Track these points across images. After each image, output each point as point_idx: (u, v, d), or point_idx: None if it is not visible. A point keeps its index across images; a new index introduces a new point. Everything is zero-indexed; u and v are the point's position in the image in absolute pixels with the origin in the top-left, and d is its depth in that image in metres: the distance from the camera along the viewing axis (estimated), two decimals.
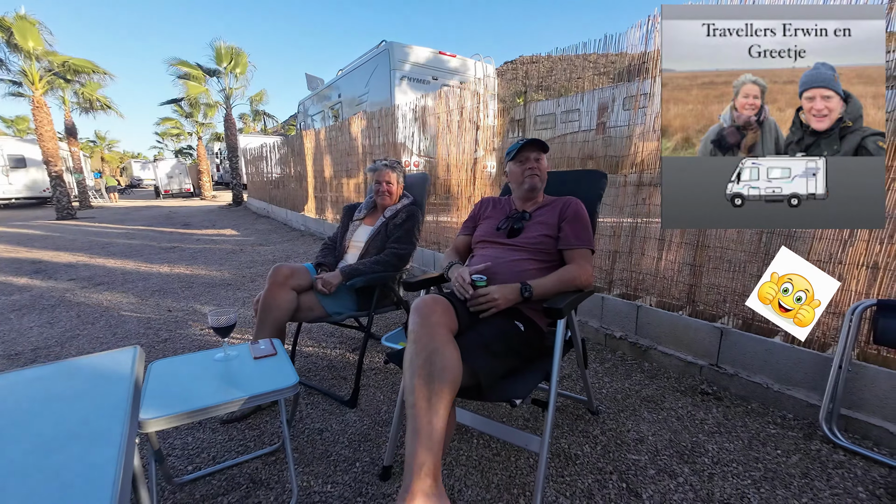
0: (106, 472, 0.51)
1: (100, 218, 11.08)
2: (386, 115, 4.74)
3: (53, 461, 0.54)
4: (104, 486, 0.49)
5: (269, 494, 1.36)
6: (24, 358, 2.44)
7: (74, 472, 0.52)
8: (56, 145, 10.67)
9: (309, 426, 1.72)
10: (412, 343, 1.10)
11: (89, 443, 0.58)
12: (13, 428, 0.62)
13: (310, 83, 10.60)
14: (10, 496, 0.48)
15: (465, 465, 1.47)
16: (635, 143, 2.37)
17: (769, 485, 1.37)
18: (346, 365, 2.28)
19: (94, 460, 0.54)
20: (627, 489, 1.37)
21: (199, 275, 4.40)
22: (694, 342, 2.10)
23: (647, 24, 2.18)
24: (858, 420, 1.60)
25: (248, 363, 1.35)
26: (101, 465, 0.52)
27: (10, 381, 0.78)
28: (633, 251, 2.46)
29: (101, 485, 0.49)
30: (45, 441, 0.58)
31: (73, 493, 0.49)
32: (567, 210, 1.53)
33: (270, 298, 1.83)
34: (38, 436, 0.60)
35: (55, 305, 3.42)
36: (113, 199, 18.12)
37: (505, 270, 1.45)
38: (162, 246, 6.29)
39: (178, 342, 2.62)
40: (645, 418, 1.75)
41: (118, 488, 0.49)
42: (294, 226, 8.07)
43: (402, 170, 2.26)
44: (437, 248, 4.17)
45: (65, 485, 0.49)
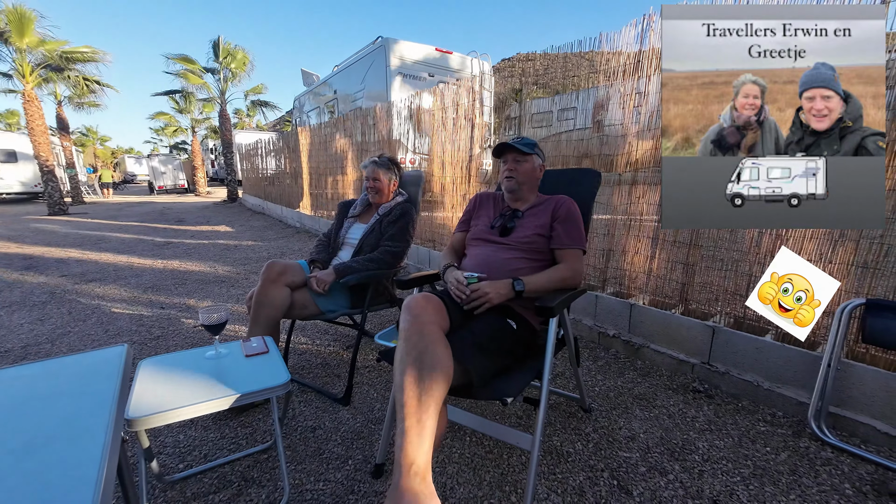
0: (88, 472, 0.50)
1: (92, 214, 10.97)
2: (381, 111, 4.71)
3: (34, 461, 0.53)
4: (86, 487, 0.48)
5: (261, 492, 1.35)
6: (13, 355, 2.41)
7: (55, 473, 0.51)
8: (47, 140, 10.53)
9: (302, 424, 1.72)
10: (403, 341, 1.10)
11: (71, 442, 0.57)
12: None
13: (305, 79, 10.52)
14: None
15: (458, 463, 1.47)
16: (630, 141, 2.37)
17: (758, 481, 1.39)
18: (339, 362, 2.28)
19: (76, 460, 0.53)
20: (618, 486, 1.37)
21: (193, 271, 4.37)
22: (686, 340, 2.11)
23: (643, 22, 2.17)
24: (846, 418, 1.61)
25: (240, 361, 1.35)
26: (83, 465, 0.52)
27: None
28: (627, 250, 2.47)
29: (82, 485, 0.49)
30: (27, 441, 0.58)
31: (53, 493, 0.49)
32: (560, 209, 1.52)
33: (263, 295, 1.82)
34: (19, 436, 0.59)
35: (46, 302, 3.39)
36: (106, 194, 17.94)
37: (497, 269, 1.45)
38: (155, 242, 6.24)
39: (171, 339, 2.60)
40: (637, 416, 1.76)
41: (100, 488, 0.48)
42: (289, 222, 8.03)
43: (397, 167, 2.24)
44: (432, 245, 4.16)
45: (45, 485, 0.49)
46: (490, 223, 1.61)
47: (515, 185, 1.57)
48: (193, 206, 12.77)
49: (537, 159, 1.60)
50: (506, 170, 1.58)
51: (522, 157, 1.56)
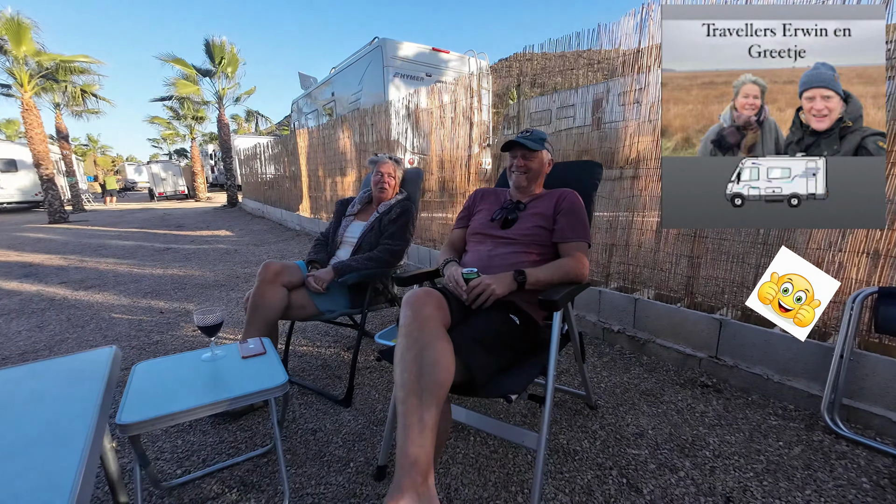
0: (63, 480, 0.47)
1: (93, 221, 10.96)
2: (379, 111, 4.69)
3: (8, 469, 0.50)
4: (60, 496, 0.45)
5: (261, 497, 1.32)
6: (10, 362, 2.38)
7: (28, 481, 0.48)
8: (47, 148, 10.52)
9: (302, 426, 1.68)
10: (403, 337, 1.07)
11: (50, 448, 0.54)
12: None
13: (303, 82, 10.49)
14: None
15: (462, 464, 1.44)
16: (630, 136, 2.34)
17: (772, 477, 1.35)
18: (340, 364, 2.25)
19: (53, 467, 0.50)
20: (628, 484, 1.34)
21: (193, 276, 4.35)
22: (692, 334, 2.07)
23: (641, 12, 2.14)
24: (860, 410, 1.57)
25: (237, 363, 1.31)
26: (59, 473, 0.48)
27: None
28: (630, 244, 2.43)
29: (56, 494, 0.45)
30: (7, 444, 0.54)
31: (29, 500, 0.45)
32: (563, 202, 1.49)
33: (260, 296, 1.78)
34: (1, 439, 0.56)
35: (45, 309, 3.36)
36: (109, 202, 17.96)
37: (498, 264, 1.41)
38: (155, 248, 6.22)
39: (170, 344, 2.57)
40: (644, 412, 1.72)
41: (75, 497, 0.45)
42: (289, 225, 8.00)
43: (403, 167, 2.24)
44: (431, 244, 4.13)
45: (15, 495, 0.45)
46: (491, 216, 1.57)
47: (526, 180, 1.55)
48: (193, 212, 12.76)
49: (546, 154, 1.57)
50: (514, 165, 1.55)
51: (531, 153, 1.53)
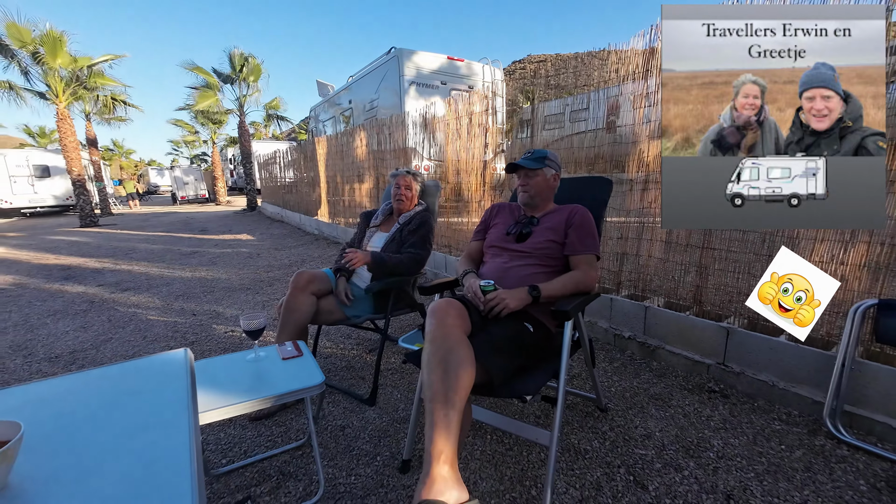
0: (182, 454, 0.61)
1: (121, 224, 11.45)
2: (397, 121, 4.85)
3: (137, 444, 0.65)
4: (183, 465, 0.59)
5: (298, 485, 1.46)
6: (63, 360, 2.60)
7: (155, 454, 0.62)
8: (79, 155, 11.06)
9: (332, 423, 1.83)
10: (429, 343, 1.20)
11: (162, 430, 0.68)
12: (97, 419, 0.72)
13: (321, 90, 10.79)
14: (110, 472, 0.58)
15: (480, 460, 1.56)
16: (644, 142, 2.40)
17: (772, 477, 1.43)
18: (363, 365, 2.39)
19: (169, 443, 0.64)
20: (634, 481, 1.44)
21: (219, 279, 4.57)
22: (701, 341, 2.15)
23: (650, 32, 2.23)
24: (862, 416, 1.64)
25: (278, 364, 1.46)
26: (177, 448, 0.63)
27: (81, 379, 0.89)
28: (641, 253, 2.52)
29: (180, 464, 0.59)
30: (126, 429, 0.69)
31: (157, 469, 0.59)
32: (574, 217, 1.60)
33: (292, 302, 1.94)
34: (118, 424, 0.70)
35: (86, 310, 3.61)
36: (133, 205, 18.64)
37: (513, 276, 1.53)
38: (182, 251, 6.50)
39: (205, 344, 2.76)
40: (652, 415, 1.82)
41: (195, 467, 0.59)
42: (308, 230, 8.24)
43: (423, 181, 2.36)
44: (448, 251, 4.26)
45: (149, 463, 0.60)
46: (506, 230, 1.69)
47: (528, 198, 1.68)
48: (215, 216, 13.18)
49: (549, 171, 1.67)
50: (519, 184, 1.68)
51: (532, 172, 1.65)
